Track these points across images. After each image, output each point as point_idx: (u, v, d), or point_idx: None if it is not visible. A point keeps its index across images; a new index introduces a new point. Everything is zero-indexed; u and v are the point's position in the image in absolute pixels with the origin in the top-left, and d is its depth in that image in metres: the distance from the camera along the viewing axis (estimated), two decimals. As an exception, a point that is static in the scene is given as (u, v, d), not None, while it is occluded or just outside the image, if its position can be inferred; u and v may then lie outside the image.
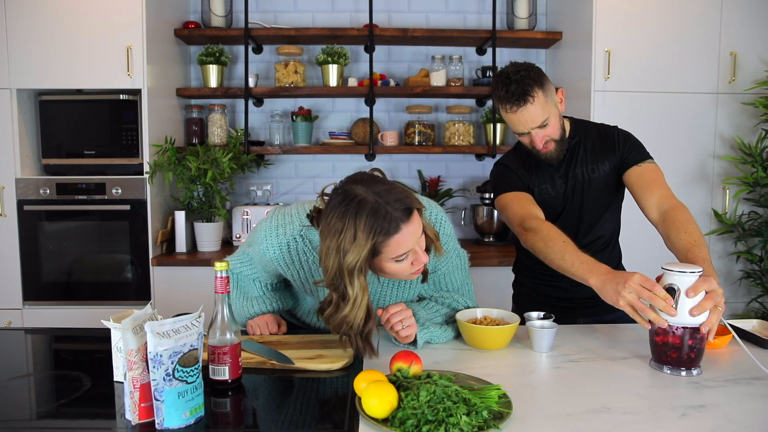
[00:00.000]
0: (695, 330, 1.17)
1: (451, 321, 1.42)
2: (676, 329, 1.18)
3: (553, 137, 1.55)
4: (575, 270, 1.31)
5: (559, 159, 1.60)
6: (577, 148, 1.64)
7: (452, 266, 1.42)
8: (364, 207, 1.07)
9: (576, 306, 1.67)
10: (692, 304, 1.16)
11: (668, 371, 1.19)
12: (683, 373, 1.18)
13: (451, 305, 1.43)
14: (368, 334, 1.18)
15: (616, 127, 1.68)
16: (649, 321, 1.18)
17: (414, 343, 1.31)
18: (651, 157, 1.61)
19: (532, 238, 1.45)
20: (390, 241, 1.09)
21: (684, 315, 1.16)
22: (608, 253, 1.71)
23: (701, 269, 1.19)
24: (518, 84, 1.47)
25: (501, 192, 1.65)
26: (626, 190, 1.65)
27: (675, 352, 1.18)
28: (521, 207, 1.56)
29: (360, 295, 1.11)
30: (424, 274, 1.28)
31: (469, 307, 1.45)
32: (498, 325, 1.37)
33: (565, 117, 1.65)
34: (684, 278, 1.17)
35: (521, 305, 1.77)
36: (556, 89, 1.57)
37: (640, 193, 1.54)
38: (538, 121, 1.50)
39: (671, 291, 1.17)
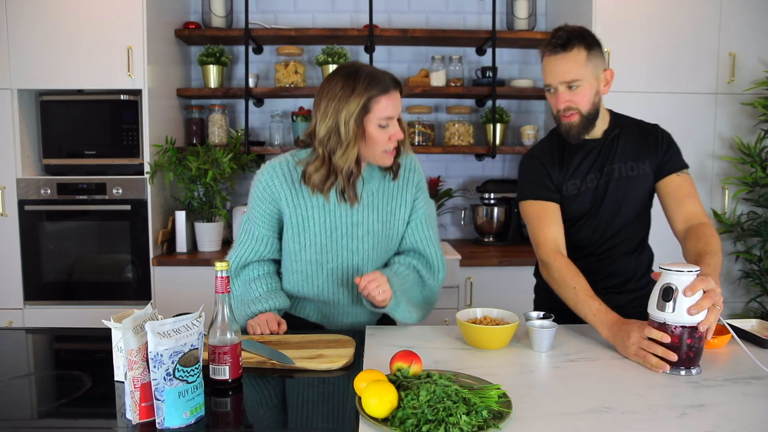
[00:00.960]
0: (693, 329, 1.17)
1: (416, 293, 1.50)
2: (675, 328, 1.18)
3: (579, 107, 1.47)
4: (589, 321, 1.38)
5: (577, 140, 1.52)
6: (615, 143, 1.56)
7: (425, 210, 1.53)
8: (362, 70, 1.31)
9: None
10: (690, 303, 1.16)
11: (667, 371, 1.18)
12: (683, 373, 1.18)
13: (419, 272, 1.51)
14: (354, 178, 1.36)
15: (658, 125, 1.60)
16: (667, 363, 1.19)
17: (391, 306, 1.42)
18: (687, 165, 1.55)
19: (545, 274, 1.52)
20: (380, 99, 1.30)
21: (682, 314, 1.17)
22: (635, 258, 1.62)
23: (699, 268, 1.19)
24: (567, 33, 1.44)
25: (524, 197, 1.59)
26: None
27: (673, 351, 1.18)
28: (541, 229, 1.54)
29: (352, 140, 1.30)
30: (395, 172, 1.45)
31: (425, 281, 1.52)
32: (498, 325, 1.37)
33: (607, 109, 1.59)
34: (681, 277, 1.18)
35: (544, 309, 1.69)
36: (606, 69, 1.50)
37: (673, 204, 1.50)
38: (568, 77, 1.44)
39: (669, 290, 1.18)
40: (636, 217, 1.59)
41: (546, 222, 1.54)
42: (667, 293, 1.18)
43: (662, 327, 1.19)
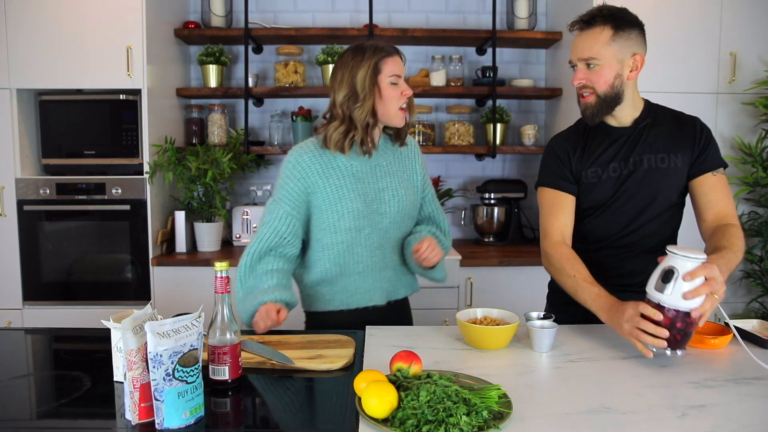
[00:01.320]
0: (686, 314, 1.17)
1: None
2: (668, 311, 1.18)
3: (596, 88, 1.44)
4: (589, 306, 1.37)
5: (593, 122, 1.49)
6: (646, 133, 1.50)
7: (431, 191, 1.72)
8: (367, 42, 1.52)
9: None
10: (687, 288, 1.16)
11: (653, 348, 1.19)
12: (668, 353, 1.19)
13: (439, 237, 1.67)
14: (371, 128, 1.51)
15: (698, 119, 1.53)
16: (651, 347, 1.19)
17: (433, 268, 1.61)
18: (725, 163, 1.50)
19: (546, 263, 1.53)
20: (387, 60, 1.49)
21: (677, 298, 1.17)
22: (650, 263, 1.56)
23: (705, 257, 1.17)
24: (595, 11, 1.43)
25: (540, 183, 1.59)
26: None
27: (671, 332, 1.17)
28: (549, 219, 1.54)
29: (368, 94, 1.47)
30: (402, 137, 1.61)
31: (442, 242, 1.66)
32: (498, 325, 1.37)
33: (643, 98, 1.55)
34: (685, 263, 1.17)
35: (556, 306, 1.64)
36: (637, 54, 1.46)
37: (706, 204, 1.46)
38: (586, 54, 1.43)
39: (670, 273, 1.17)
40: (663, 213, 1.51)
41: (555, 213, 1.53)
42: (668, 275, 1.18)
43: (657, 308, 1.19)
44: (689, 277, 1.15)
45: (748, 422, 0.98)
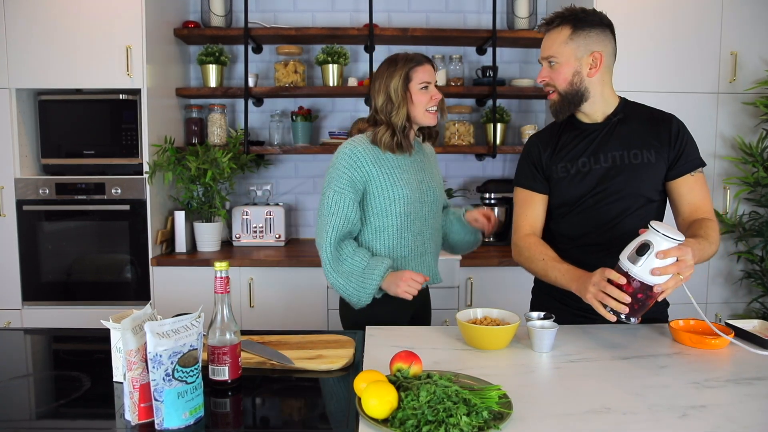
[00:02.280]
0: (650, 288, 1.21)
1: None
2: (633, 281, 1.22)
3: (557, 86, 1.49)
4: (560, 282, 1.42)
5: (559, 119, 1.56)
6: (617, 128, 1.52)
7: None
8: (399, 54, 1.71)
9: (600, 317, 1.55)
10: (657, 265, 1.19)
11: (609, 310, 1.24)
12: (622, 317, 1.23)
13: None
14: (407, 131, 1.70)
15: (674, 117, 1.53)
16: (612, 312, 1.24)
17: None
18: (703, 162, 1.50)
19: (516, 254, 1.59)
20: (417, 69, 1.66)
21: (646, 271, 1.20)
22: None
23: (682, 239, 1.20)
24: (559, 12, 1.48)
25: (515, 183, 1.65)
26: None
27: (631, 301, 1.22)
28: (519, 215, 1.61)
29: (402, 102, 1.65)
30: (434, 137, 1.85)
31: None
32: (498, 325, 1.36)
33: (619, 96, 1.56)
34: (662, 242, 1.20)
35: (542, 305, 1.66)
36: (595, 52, 1.46)
37: (685, 206, 1.48)
38: (547, 52, 1.49)
39: (645, 246, 1.20)
40: (638, 210, 1.50)
41: (525, 209, 1.60)
42: (642, 249, 1.21)
43: (624, 276, 1.22)
44: (662, 256, 1.19)
45: (748, 422, 0.97)
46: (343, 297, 1.68)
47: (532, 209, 1.59)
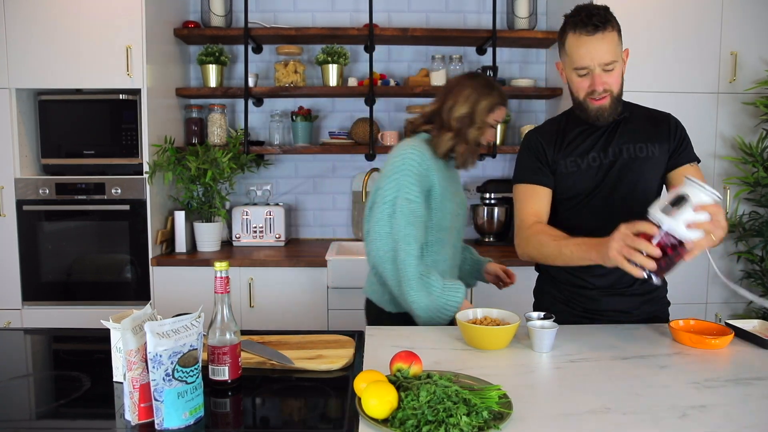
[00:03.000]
0: (680, 244, 1.15)
1: None
2: (664, 235, 1.15)
3: (612, 89, 1.46)
4: (576, 256, 1.34)
5: (607, 121, 1.50)
6: (622, 125, 1.54)
7: None
8: (495, 82, 1.72)
9: (604, 318, 1.56)
10: (694, 218, 1.13)
11: (634, 264, 1.16)
12: (644, 275, 1.17)
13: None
14: (479, 147, 1.70)
15: (670, 115, 1.58)
16: (642, 268, 1.16)
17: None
18: (699, 159, 1.54)
19: (524, 246, 1.50)
20: (501, 107, 1.69)
21: (680, 225, 1.14)
22: None
23: (721, 197, 1.16)
24: (601, 13, 1.41)
25: (516, 180, 1.61)
26: None
27: (660, 256, 1.15)
28: (521, 208, 1.55)
29: (484, 122, 1.66)
30: (464, 165, 1.74)
31: None
32: (498, 325, 1.36)
33: None
34: (700, 195, 1.14)
35: (544, 303, 1.68)
36: (626, 48, 1.49)
37: None
38: (607, 58, 1.41)
39: (681, 199, 1.15)
40: (646, 202, 1.47)
41: (527, 203, 1.55)
42: (679, 201, 1.15)
43: (654, 226, 1.16)
44: (700, 209, 1.13)
45: (748, 423, 0.97)
46: (418, 317, 1.55)
47: (535, 201, 1.55)
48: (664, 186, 1.57)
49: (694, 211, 1.13)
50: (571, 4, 2.81)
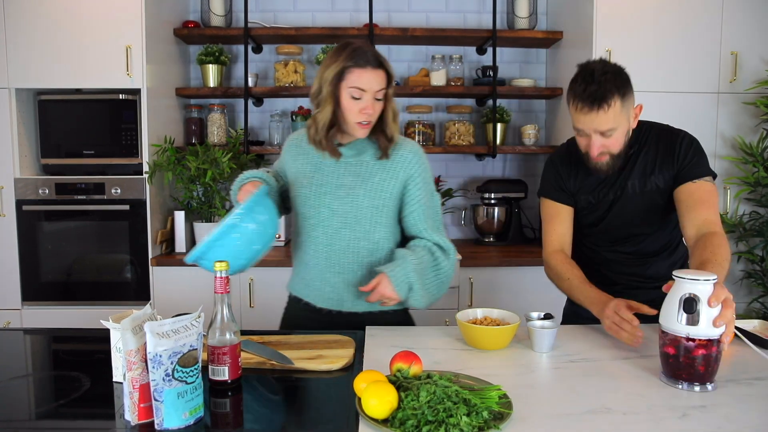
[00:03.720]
0: (716, 341, 1.10)
1: (430, 274, 1.50)
2: (699, 342, 1.10)
3: (611, 151, 1.46)
4: (582, 303, 1.48)
5: (607, 174, 1.52)
6: (634, 159, 1.55)
7: (424, 202, 1.54)
8: (351, 44, 1.43)
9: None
10: (715, 314, 1.09)
11: (684, 387, 1.11)
12: (697, 389, 1.11)
13: (434, 253, 1.52)
14: (332, 135, 1.50)
15: (684, 134, 1.54)
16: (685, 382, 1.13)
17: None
18: (711, 173, 1.49)
19: (547, 271, 1.63)
20: (353, 71, 1.40)
21: (708, 326, 1.09)
22: (661, 262, 1.62)
23: (715, 276, 1.12)
24: (600, 86, 1.38)
25: (542, 195, 1.67)
26: None
27: (696, 366, 1.10)
28: (548, 231, 1.63)
29: (327, 100, 1.45)
30: (383, 150, 1.50)
31: (436, 253, 1.53)
32: (498, 325, 1.36)
33: None
34: (704, 287, 1.10)
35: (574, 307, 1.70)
36: (636, 106, 1.48)
37: (685, 211, 1.46)
38: (605, 128, 1.41)
39: (691, 302, 1.10)
40: (659, 228, 1.59)
41: (554, 224, 1.63)
42: (690, 304, 1.10)
43: (683, 340, 1.11)
44: (715, 302, 1.09)
45: (749, 423, 0.97)
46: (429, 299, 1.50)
47: (560, 223, 1.62)
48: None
49: (711, 306, 1.09)
50: (571, 4, 2.80)
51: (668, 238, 1.62)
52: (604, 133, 1.43)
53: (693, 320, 1.10)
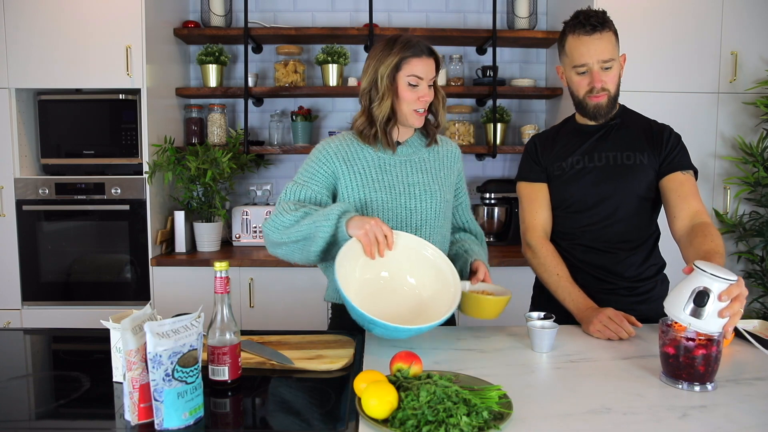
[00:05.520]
0: (716, 339, 1.10)
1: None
2: (700, 337, 1.10)
3: (609, 89, 1.52)
4: (566, 304, 1.53)
5: (605, 119, 1.57)
6: (614, 130, 1.58)
7: (467, 200, 1.71)
8: (402, 37, 1.48)
9: None
10: (721, 308, 1.10)
11: (684, 386, 1.11)
12: (697, 388, 1.10)
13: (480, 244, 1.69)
14: (390, 128, 1.51)
15: (668, 127, 1.59)
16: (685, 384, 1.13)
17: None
18: (695, 168, 1.54)
19: (529, 256, 1.64)
20: (411, 61, 1.45)
21: (714, 322, 1.09)
22: (638, 260, 1.57)
23: (736, 278, 1.11)
24: (599, 15, 1.50)
25: (518, 178, 1.70)
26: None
27: (702, 365, 1.09)
28: (530, 213, 1.64)
29: (386, 93, 1.46)
30: (430, 137, 1.58)
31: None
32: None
33: (619, 102, 1.62)
34: (716, 284, 1.10)
35: (541, 306, 1.67)
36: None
37: (676, 201, 1.48)
38: (607, 55, 1.48)
39: (703, 295, 1.10)
40: (634, 211, 1.55)
41: (535, 206, 1.63)
42: (701, 298, 1.10)
43: (683, 340, 1.11)
44: (726, 297, 1.09)
45: (749, 423, 0.97)
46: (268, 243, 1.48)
47: (541, 207, 1.62)
48: (662, 201, 1.56)
49: (721, 300, 1.09)
50: (571, 4, 2.81)
51: (646, 234, 1.58)
52: (605, 64, 1.49)
53: (698, 313, 1.10)
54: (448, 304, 1.33)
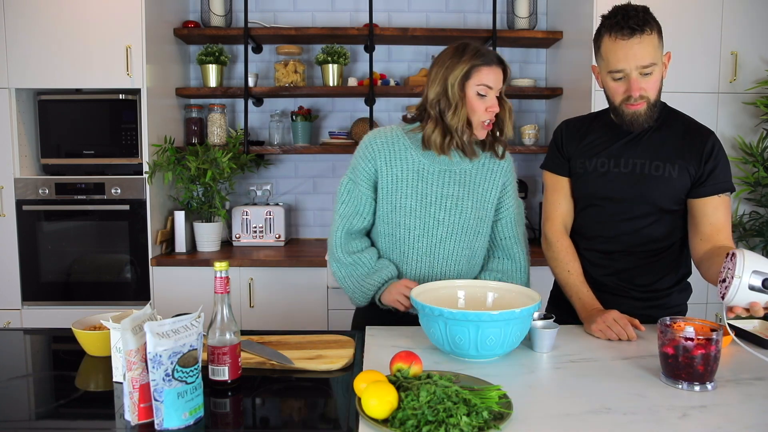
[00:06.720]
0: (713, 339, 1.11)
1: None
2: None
3: (649, 95, 1.37)
4: (572, 300, 1.52)
5: (642, 128, 1.43)
6: (648, 134, 1.46)
7: (515, 209, 1.63)
8: (471, 44, 1.46)
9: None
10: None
11: (684, 386, 1.11)
12: (697, 388, 1.11)
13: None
14: (470, 137, 1.48)
15: (712, 134, 1.45)
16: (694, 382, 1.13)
17: None
18: (732, 187, 1.44)
19: (545, 247, 1.62)
20: (481, 69, 1.42)
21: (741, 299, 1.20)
22: (661, 266, 1.51)
23: None
24: (639, 15, 1.33)
25: (544, 166, 1.64)
26: None
27: (702, 364, 1.09)
28: (552, 204, 1.60)
29: (460, 102, 1.43)
30: (502, 146, 1.55)
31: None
32: None
33: (661, 101, 1.48)
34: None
35: (560, 306, 1.63)
36: (667, 52, 1.42)
37: (707, 227, 1.41)
38: (647, 61, 1.33)
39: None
40: (652, 219, 1.47)
41: (556, 197, 1.59)
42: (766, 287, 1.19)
43: (682, 340, 1.11)
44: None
45: (749, 423, 0.97)
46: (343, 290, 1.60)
47: (563, 198, 1.58)
48: (692, 221, 1.47)
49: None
50: (571, 4, 2.79)
51: (665, 239, 1.50)
52: (644, 70, 1.35)
53: (759, 293, 1.21)
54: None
